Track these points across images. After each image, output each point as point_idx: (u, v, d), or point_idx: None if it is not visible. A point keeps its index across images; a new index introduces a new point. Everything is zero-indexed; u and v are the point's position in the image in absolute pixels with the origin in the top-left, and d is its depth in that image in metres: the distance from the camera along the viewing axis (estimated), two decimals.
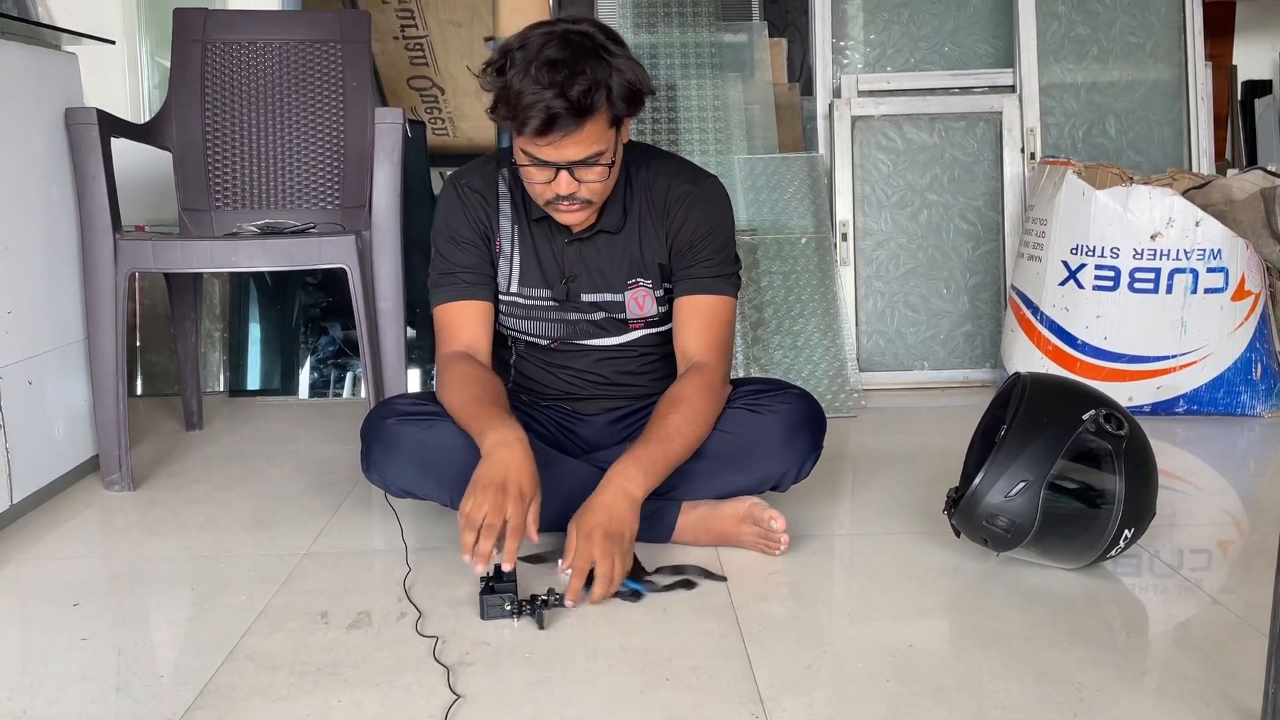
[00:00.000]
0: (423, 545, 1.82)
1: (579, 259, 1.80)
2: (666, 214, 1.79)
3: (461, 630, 1.49)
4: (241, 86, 2.58)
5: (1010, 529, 1.61)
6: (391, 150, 2.28)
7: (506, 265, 1.82)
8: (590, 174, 1.64)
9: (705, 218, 1.79)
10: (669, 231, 1.79)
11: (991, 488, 1.60)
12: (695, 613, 1.54)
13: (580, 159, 1.61)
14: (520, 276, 1.82)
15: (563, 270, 1.81)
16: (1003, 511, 1.60)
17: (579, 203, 1.67)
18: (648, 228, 1.80)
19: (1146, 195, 2.58)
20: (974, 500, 1.62)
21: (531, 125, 1.55)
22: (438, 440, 1.71)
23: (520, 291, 1.82)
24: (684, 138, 3.15)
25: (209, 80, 2.56)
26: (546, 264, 1.81)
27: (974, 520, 1.64)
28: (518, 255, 1.81)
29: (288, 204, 2.58)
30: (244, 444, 2.57)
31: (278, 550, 1.84)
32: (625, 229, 1.80)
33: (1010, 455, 1.60)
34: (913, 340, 3.13)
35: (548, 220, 1.78)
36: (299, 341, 3.11)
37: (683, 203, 1.79)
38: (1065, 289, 2.68)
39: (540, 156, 1.61)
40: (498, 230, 1.81)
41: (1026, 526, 1.60)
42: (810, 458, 1.80)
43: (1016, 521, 1.60)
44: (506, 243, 1.81)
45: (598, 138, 1.60)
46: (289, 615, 1.56)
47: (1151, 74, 3.19)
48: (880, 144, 3.17)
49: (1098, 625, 1.50)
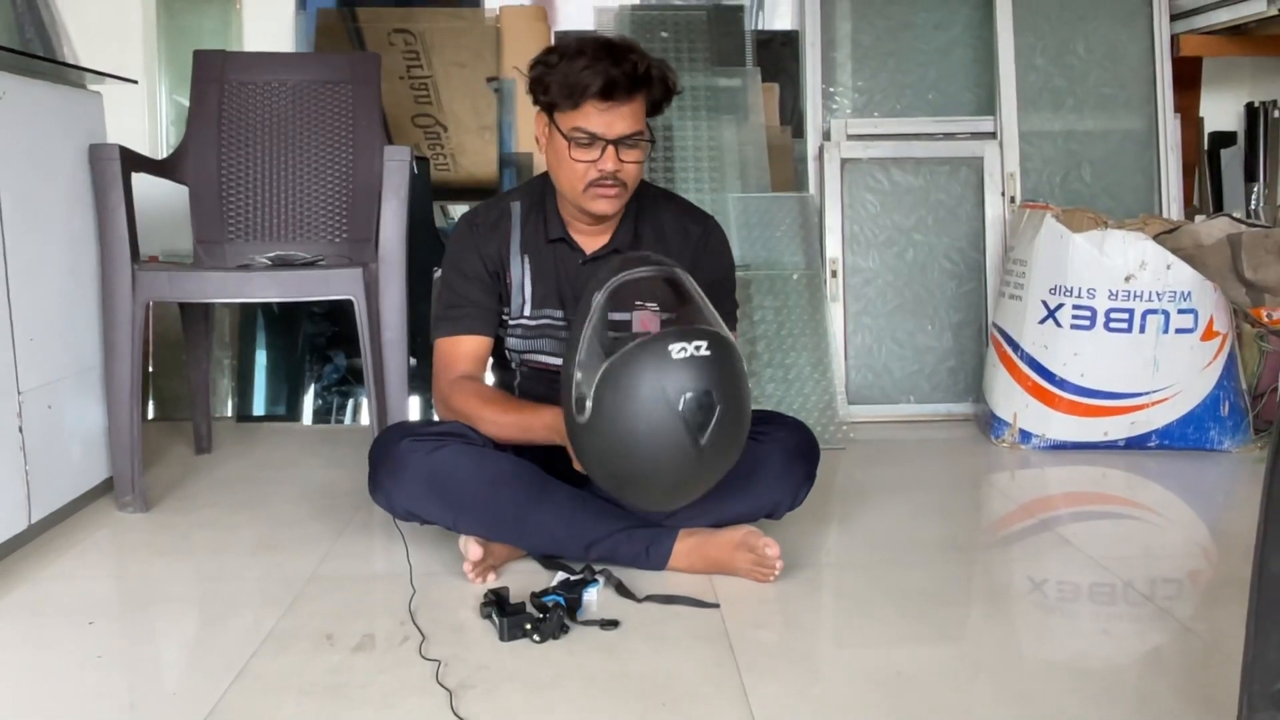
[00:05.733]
0: (426, 569, 1.82)
1: (593, 279, 1.82)
2: (681, 254, 1.84)
3: (464, 654, 1.49)
4: (256, 124, 2.59)
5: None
6: (399, 187, 2.30)
7: (519, 294, 1.84)
8: (631, 155, 1.71)
9: (719, 263, 1.88)
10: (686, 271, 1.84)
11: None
12: (691, 639, 1.54)
13: (627, 134, 1.68)
14: (533, 300, 1.84)
15: (576, 289, 1.83)
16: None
17: (617, 185, 1.72)
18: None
19: (1120, 239, 2.61)
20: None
21: (593, 88, 1.64)
22: (445, 462, 1.71)
23: (532, 314, 1.84)
24: (680, 176, 3.17)
25: (225, 118, 2.58)
26: (561, 285, 1.84)
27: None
28: (529, 281, 1.84)
29: (297, 236, 2.59)
30: (251, 468, 2.57)
31: (284, 573, 1.83)
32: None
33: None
34: (899, 374, 3.14)
35: (564, 242, 1.83)
36: (304, 369, 3.11)
37: (700, 247, 1.86)
38: (1044, 327, 2.70)
39: (591, 129, 1.68)
40: (508, 264, 1.83)
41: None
42: (805, 486, 1.82)
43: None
44: (518, 274, 1.83)
45: (640, 117, 1.70)
46: (295, 637, 1.55)
47: (1124, 124, 3.23)
48: (869, 185, 3.19)
49: (1077, 653, 1.51)
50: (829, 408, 2.87)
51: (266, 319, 3.12)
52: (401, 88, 3.33)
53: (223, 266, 2.46)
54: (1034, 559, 1.93)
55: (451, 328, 1.84)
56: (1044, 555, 1.94)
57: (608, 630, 1.56)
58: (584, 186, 1.72)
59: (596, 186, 1.71)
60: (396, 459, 1.73)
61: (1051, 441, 2.71)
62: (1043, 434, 2.72)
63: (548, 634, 1.52)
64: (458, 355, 1.83)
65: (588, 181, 1.71)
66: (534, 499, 1.74)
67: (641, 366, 1.45)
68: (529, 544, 1.80)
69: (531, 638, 1.52)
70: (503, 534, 1.77)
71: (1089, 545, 1.97)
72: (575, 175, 1.72)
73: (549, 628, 1.52)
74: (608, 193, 1.72)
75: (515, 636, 1.53)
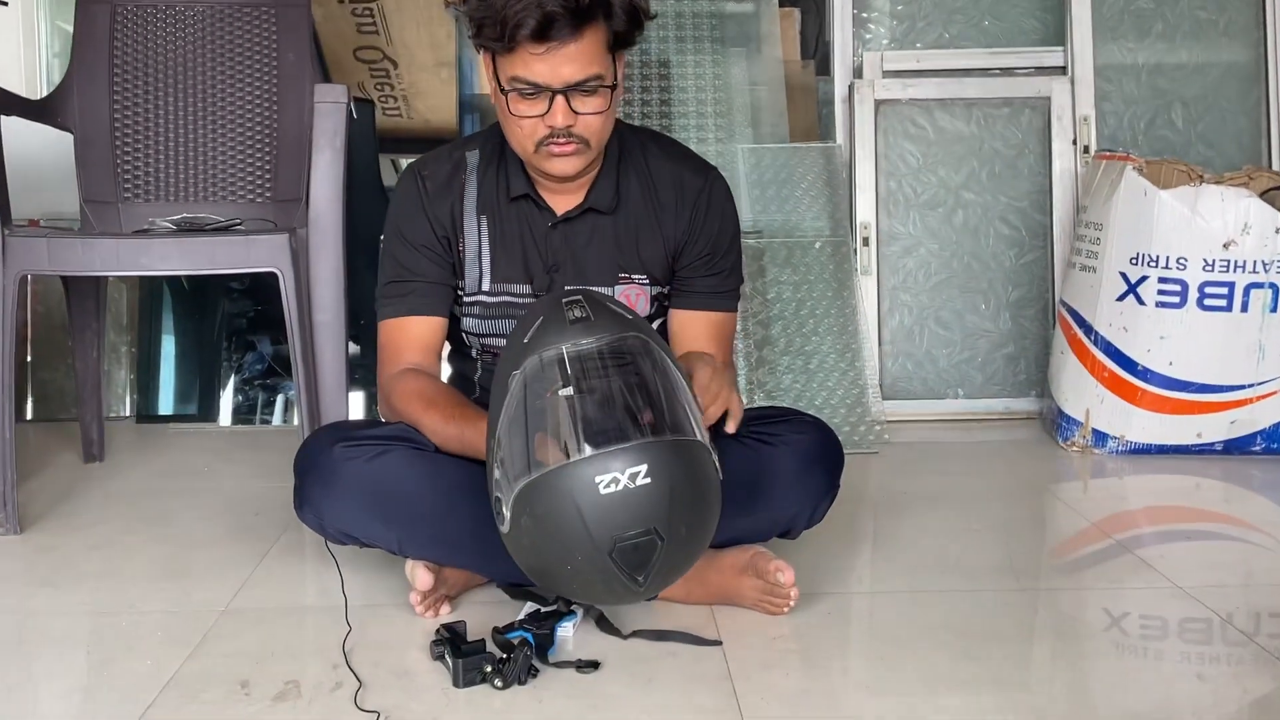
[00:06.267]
0: (365, 600, 1.80)
1: (564, 245, 1.82)
2: (678, 212, 1.83)
3: (409, 704, 1.48)
4: (157, 57, 2.58)
5: None
6: (333, 134, 2.28)
7: (475, 265, 1.83)
8: (589, 104, 1.67)
9: (723, 226, 1.85)
10: (681, 235, 1.83)
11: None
12: (685, 682, 1.54)
13: (578, 80, 1.64)
14: (493, 272, 1.83)
15: (545, 259, 1.82)
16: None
17: (575, 141, 1.69)
18: (648, 219, 1.83)
19: (1219, 196, 2.60)
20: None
21: (526, 28, 1.59)
22: (387, 471, 1.70)
23: (492, 289, 1.83)
24: (679, 123, 3.16)
25: (119, 49, 2.56)
26: (528, 253, 1.82)
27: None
28: (487, 250, 1.83)
29: (210, 196, 2.57)
30: (153, 479, 2.55)
31: (191, 606, 1.82)
32: (619, 213, 1.82)
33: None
34: (945, 364, 3.14)
35: (529, 200, 1.81)
36: (221, 359, 3.09)
37: (700, 204, 1.84)
38: (1123, 305, 2.69)
39: (533, 78, 1.64)
40: (463, 228, 1.82)
41: None
42: (826, 498, 1.80)
43: None
44: (474, 240, 1.82)
45: (595, 57, 1.65)
46: (203, 684, 1.54)
47: (1225, 55, 3.22)
48: (908, 133, 3.18)
49: (1159, 703, 1.50)
50: (859, 404, 2.87)
51: (174, 298, 3.11)
52: (341, 14, 3.32)
53: (116, 232, 2.44)
54: (1110, 588, 1.92)
55: (396, 308, 1.83)
56: (1122, 584, 1.93)
57: (585, 673, 1.55)
58: (534, 146, 1.70)
59: (549, 145, 1.70)
60: (328, 468, 1.72)
61: (1132, 445, 2.71)
62: (1121, 435, 2.71)
63: (512, 678, 1.51)
64: (404, 342, 1.82)
65: (537, 140, 1.69)
66: None
67: (561, 502, 1.39)
68: (491, 569, 1.79)
69: (493, 683, 1.51)
70: (459, 558, 1.76)
71: (1178, 572, 1.96)
72: (522, 134, 1.70)
73: (514, 671, 1.51)
74: (563, 150, 1.70)
75: (473, 682, 1.52)
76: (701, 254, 1.83)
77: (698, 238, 1.83)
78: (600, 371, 1.44)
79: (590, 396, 1.42)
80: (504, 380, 1.48)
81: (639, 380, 1.46)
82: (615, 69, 1.70)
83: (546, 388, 1.44)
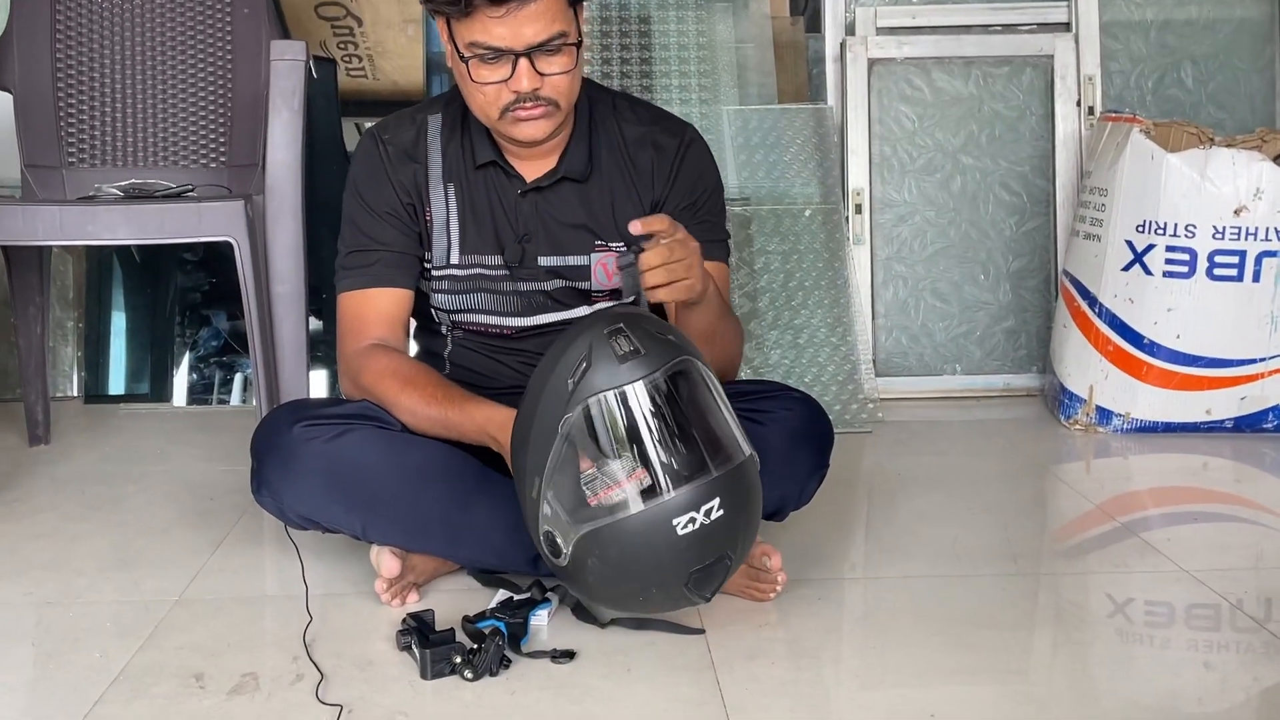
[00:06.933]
0: (328, 590, 1.81)
1: (535, 214, 1.81)
2: (654, 173, 1.83)
3: (374, 696, 1.48)
4: (102, 11, 2.56)
5: None
6: (291, 94, 2.27)
7: (443, 236, 1.83)
8: (554, 63, 1.67)
9: (703, 176, 1.87)
10: (659, 194, 1.84)
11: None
12: (666, 673, 1.54)
13: (541, 41, 1.64)
14: (461, 243, 1.82)
15: (516, 229, 1.81)
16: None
17: (543, 104, 1.69)
18: (623, 185, 1.83)
19: (1230, 160, 2.61)
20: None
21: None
22: (349, 452, 1.70)
23: (462, 261, 1.82)
24: (660, 84, 3.15)
25: (61, 2, 2.54)
26: (498, 223, 1.82)
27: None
28: (455, 220, 1.82)
29: (160, 161, 2.56)
30: (103, 463, 2.54)
31: (142, 596, 1.82)
32: (593, 179, 1.82)
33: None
34: (941, 338, 3.14)
35: (497, 167, 1.81)
36: (175, 335, 3.08)
37: (676, 160, 1.84)
38: (1129, 275, 2.70)
39: (493, 43, 1.63)
40: (429, 197, 1.82)
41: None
42: (814, 478, 1.81)
43: None
44: (440, 209, 1.82)
45: (557, 14, 1.65)
46: (154, 678, 1.54)
47: (1238, 11, 3.22)
48: (903, 94, 3.18)
49: (1164, 692, 1.51)
50: (851, 380, 2.87)
51: (123, 270, 3.10)
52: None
53: (60, 199, 2.43)
54: (1114, 573, 1.93)
55: (359, 279, 1.82)
56: (1127, 568, 1.94)
57: (561, 663, 1.56)
58: (499, 113, 1.70)
59: (515, 110, 1.69)
60: (287, 449, 1.71)
61: (1138, 422, 2.72)
62: (1126, 413, 2.72)
63: (483, 669, 1.51)
64: (368, 315, 1.81)
65: (502, 107, 1.69)
66: (468, 497, 1.73)
67: (634, 545, 1.45)
68: (461, 555, 1.80)
69: (463, 674, 1.51)
70: (427, 543, 1.76)
71: (1186, 556, 1.97)
72: (486, 101, 1.70)
73: (485, 661, 1.52)
74: (531, 114, 1.69)
75: (442, 673, 1.52)
76: (682, 205, 1.83)
77: (677, 196, 1.84)
78: (661, 408, 1.47)
79: (654, 437, 1.45)
80: (550, 421, 1.47)
81: (696, 410, 1.51)
82: (578, 24, 1.70)
83: (605, 431, 1.46)
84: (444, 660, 1.52)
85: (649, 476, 1.44)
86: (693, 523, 1.44)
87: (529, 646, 1.59)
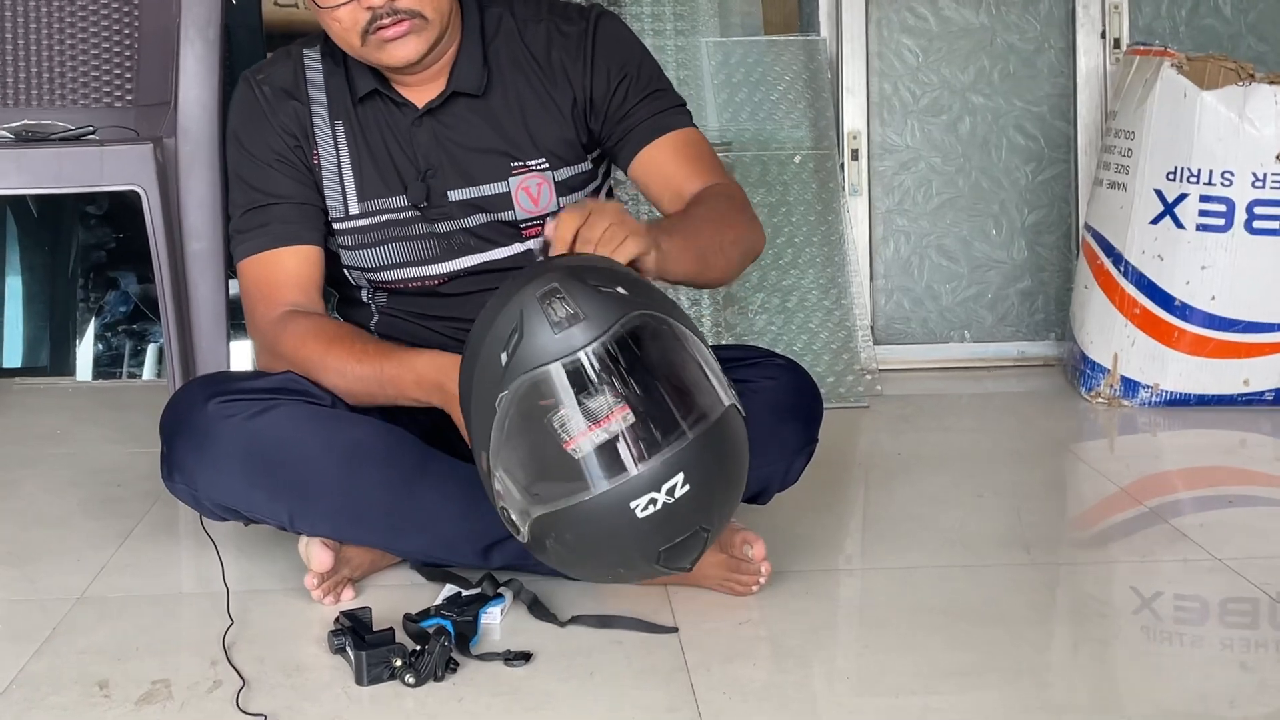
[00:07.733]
0: (250, 587, 1.81)
1: (434, 143, 1.81)
2: (566, 67, 1.83)
3: (302, 704, 1.48)
4: None
5: None
6: (205, 24, 2.26)
7: (335, 182, 1.83)
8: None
9: (621, 47, 1.86)
10: (580, 91, 1.84)
11: None
12: (633, 676, 1.54)
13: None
14: (360, 188, 1.82)
15: (416, 163, 1.82)
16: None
17: (405, 17, 1.68)
18: (533, 92, 1.83)
19: (1272, 98, 2.61)
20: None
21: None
22: (275, 430, 1.69)
23: (363, 208, 1.82)
24: (630, 11, 3.14)
25: None
26: (396, 159, 1.82)
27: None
28: (349, 162, 1.82)
29: (57, 100, 2.55)
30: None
31: (38, 594, 1.81)
32: (492, 92, 1.82)
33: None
34: (948, 302, 3.15)
35: (383, 96, 1.81)
36: (77, 300, 3.07)
37: (587, 44, 1.84)
38: (1159, 229, 2.71)
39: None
40: (315, 139, 1.82)
41: None
42: (801, 454, 1.81)
43: None
44: (330, 152, 1.83)
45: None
46: (52, 685, 1.54)
47: None
48: (906, 24, 3.18)
49: (1194, 696, 1.52)
50: (845, 349, 2.88)
51: (18, 225, 3.08)
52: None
53: None
54: (1140, 563, 1.94)
55: (258, 240, 1.81)
56: (1155, 558, 1.95)
57: (515, 666, 1.56)
58: (359, 38, 1.70)
59: (377, 31, 1.68)
60: (201, 428, 1.71)
61: (1167, 395, 2.74)
62: (1156, 384, 2.74)
63: (427, 674, 1.51)
64: (277, 279, 1.81)
65: (361, 30, 1.69)
66: (410, 482, 1.73)
67: (592, 529, 1.43)
68: (403, 547, 1.80)
69: (404, 679, 1.51)
70: (364, 534, 1.76)
71: (1220, 544, 1.98)
72: (344, 28, 1.70)
73: (429, 665, 1.51)
74: (397, 32, 1.69)
75: (380, 678, 1.52)
76: (614, 86, 1.83)
77: (602, 77, 1.83)
78: (607, 379, 1.41)
79: (601, 412, 1.40)
80: (487, 398, 1.44)
81: (655, 373, 1.44)
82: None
83: (544, 412, 1.42)
84: (382, 663, 1.52)
85: (597, 463, 1.40)
86: (653, 504, 1.39)
87: (479, 648, 1.60)
